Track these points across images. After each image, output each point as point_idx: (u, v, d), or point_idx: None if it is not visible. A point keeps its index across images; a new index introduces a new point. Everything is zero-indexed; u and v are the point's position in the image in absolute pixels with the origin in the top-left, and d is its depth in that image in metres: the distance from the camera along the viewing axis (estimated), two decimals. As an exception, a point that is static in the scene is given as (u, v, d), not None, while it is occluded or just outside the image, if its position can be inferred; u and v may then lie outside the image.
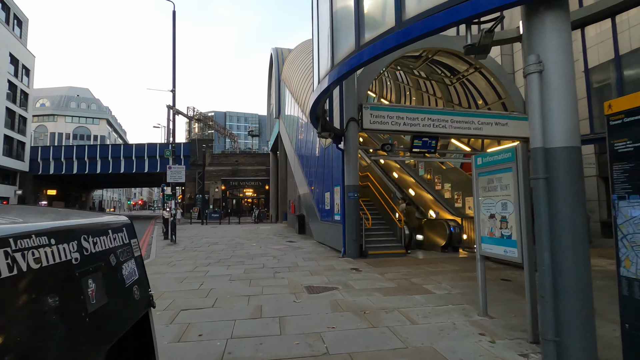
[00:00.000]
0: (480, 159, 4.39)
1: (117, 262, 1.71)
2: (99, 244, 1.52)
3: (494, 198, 4.12)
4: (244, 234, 17.55)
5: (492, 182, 4.17)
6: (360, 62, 4.92)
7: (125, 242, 1.87)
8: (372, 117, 9.60)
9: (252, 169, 39.41)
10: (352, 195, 9.28)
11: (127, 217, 2.03)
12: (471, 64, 11.75)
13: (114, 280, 1.64)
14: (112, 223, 1.86)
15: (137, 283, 1.85)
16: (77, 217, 1.75)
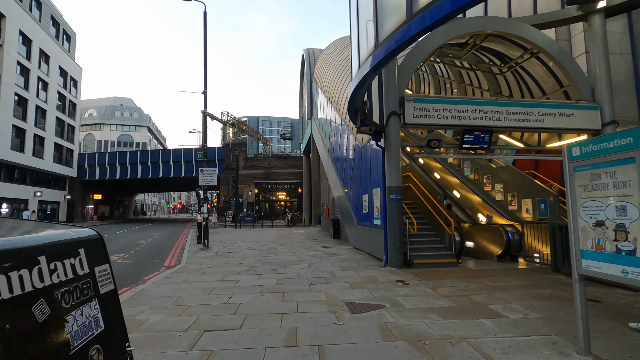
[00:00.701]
0: (577, 148, 3.36)
1: (55, 309, 0.98)
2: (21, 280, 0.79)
3: (603, 200, 3.09)
4: (277, 238, 17.03)
5: (599, 179, 3.13)
6: (413, 33, 4.06)
7: (80, 272, 1.15)
8: (416, 111, 8.62)
9: (284, 172, 39.25)
10: (395, 198, 8.34)
11: (94, 231, 1.30)
12: (527, 48, 10.42)
13: (41, 345, 0.91)
14: (58, 242, 1.13)
15: (99, 341, 1.12)
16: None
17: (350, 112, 6.77)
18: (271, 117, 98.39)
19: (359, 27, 6.87)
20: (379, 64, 4.79)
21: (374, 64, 4.68)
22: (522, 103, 9.16)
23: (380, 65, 4.87)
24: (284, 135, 59.16)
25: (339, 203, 15.92)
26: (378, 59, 4.65)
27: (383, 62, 4.72)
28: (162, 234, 21.68)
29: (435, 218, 9.16)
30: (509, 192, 11.39)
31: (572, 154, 3.39)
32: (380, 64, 4.84)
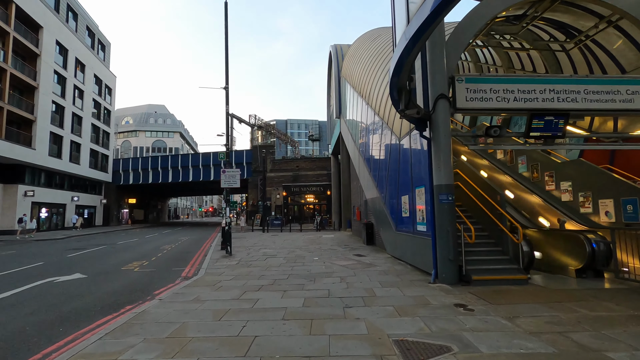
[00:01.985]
0: None
1: None
2: None
3: None
4: (305, 244, 15.82)
5: None
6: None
7: None
8: (469, 93, 7.10)
9: (312, 174, 38.13)
10: (446, 199, 6.84)
11: None
12: (602, 16, 8.57)
13: None
14: None
15: None
16: None
17: (392, 92, 5.41)
18: (299, 119, 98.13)
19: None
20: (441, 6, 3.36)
21: (435, 6, 3.29)
22: (605, 79, 7.38)
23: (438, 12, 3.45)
24: (312, 137, 58.18)
25: (372, 206, 14.47)
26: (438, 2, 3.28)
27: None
28: (190, 239, 21.16)
29: (494, 223, 7.53)
30: (580, 192, 9.47)
31: None
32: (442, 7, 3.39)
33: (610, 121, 10.49)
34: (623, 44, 8.94)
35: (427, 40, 7.08)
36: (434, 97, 6.96)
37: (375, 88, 13.88)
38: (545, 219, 10.21)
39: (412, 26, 3.77)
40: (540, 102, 7.15)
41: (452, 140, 7.16)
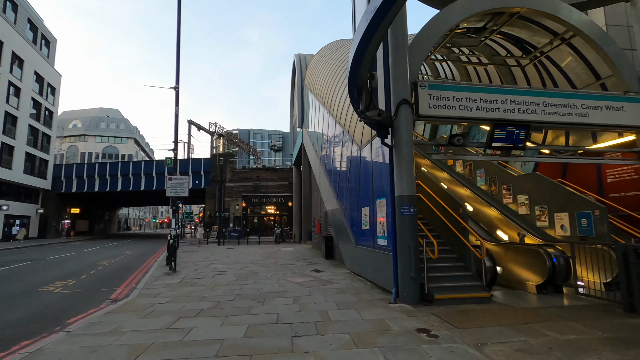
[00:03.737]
0: None
1: None
2: None
3: None
4: (261, 258, 14.83)
5: None
6: None
7: None
8: (432, 100, 6.77)
9: (274, 185, 37.12)
10: (408, 211, 6.36)
11: None
12: (557, 33, 8.76)
13: None
14: None
15: None
16: None
17: (351, 90, 4.85)
18: (263, 129, 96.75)
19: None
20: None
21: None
22: (563, 93, 7.39)
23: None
24: (275, 147, 57.18)
25: (332, 218, 13.89)
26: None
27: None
28: (135, 252, 19.29)
29: (456, 237, 7.17)
30: (537, 205, 9.49)
31: None
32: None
33: (562, 136, 10.78)
34: (574, 61, 9.19)
35: (390, 43, 6.71)
36: (396, 102, 6.53)
37: (337, 96, 13.48)
38: (503, 233, 10.14)
39: (375, 1, 3.23)
40: (502, 112, 6.98)
41: (414, 150, 6.77)
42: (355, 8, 4.92)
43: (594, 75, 8.97)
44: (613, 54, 8.01)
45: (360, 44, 3.73)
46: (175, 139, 11.60)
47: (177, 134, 11.49)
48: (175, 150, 11.63)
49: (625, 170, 9.66)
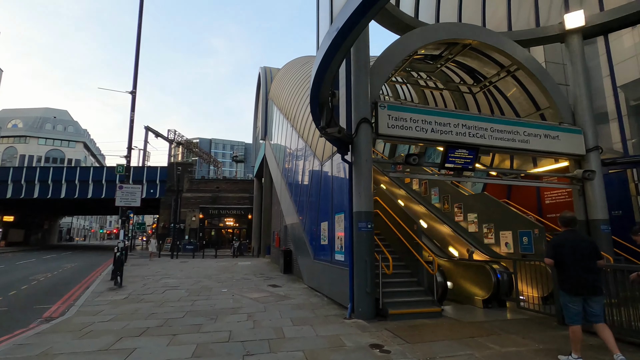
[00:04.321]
0: None
1: None
2: None
3: None
4: (217, 272, 14.30)
5: None
6: None
7: None
8: (391, 120, 7.05)
9: (234, 197, 36.26)
10: (365, 227, 6.49)
11: None
12: (503, 66, 9.56)
13: None
14: None
15: None
16: None
17: (313, 107, 4.93)
18: (225, 140, 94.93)
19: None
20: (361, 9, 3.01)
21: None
22: (507, 120, 8.02)
23: (360, 14, 3.09)
24: (236, 158, 56.09)
25: (292, 232, 13.78)
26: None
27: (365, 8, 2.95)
28: (76, 266, 17.78)
29: (411, 253, 7.41)
30: (484, 223, 10.10)
31: None
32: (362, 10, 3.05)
33: (507, 160, 11.65)
34: (518, 91, 10.06)
35: (353, 64, 6.93)
36: (357, 120, 6.72)
37: (300, 111, 13.61)
38: (454, 249, 10.63)
39: (338, 22, 3.35)
40: (454, 135, 7.42)
41: (373, 167, 6.98)
42: (319, 26, 5.07)
43: (534, 106, 9.86)
44: (550, 87, 8.89)
45: (322, 62, 3.84)
46: (129, 145, 11.02)
47: (131, 140, 10.92)
48: (128, 157, 11.02)
49: (560, 193, 10.62)
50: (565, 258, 4.22)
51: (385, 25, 9.82)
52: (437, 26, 8.57)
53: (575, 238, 4.31)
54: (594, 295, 4.13)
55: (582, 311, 4.15)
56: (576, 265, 4.17)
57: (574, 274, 4.16)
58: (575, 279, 4.14)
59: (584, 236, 4.49)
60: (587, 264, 4.18)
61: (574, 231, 4.42)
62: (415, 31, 7.99)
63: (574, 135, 8.53)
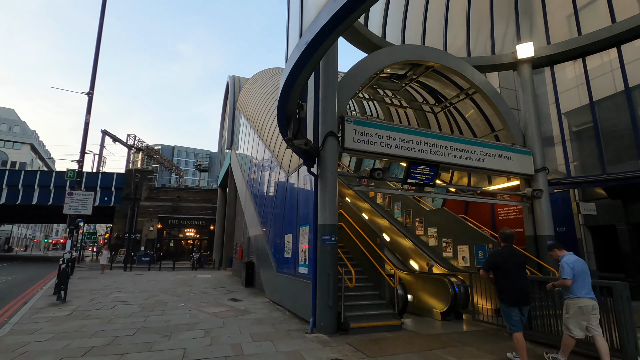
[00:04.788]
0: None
1: None
2: None
3: None
4: (174, 285, 13.61)
5: None
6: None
7: None
8: (357, 135, 7.20)
9: (196, 207, 35.03)
10: (329, 240, 6.49)
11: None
12: (462, 88, 10.14)
13: None
14: None
15: None
16: None
17: (280, 118, 4.90)
18: (189, 148, 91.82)
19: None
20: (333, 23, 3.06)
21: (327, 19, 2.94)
22: (466, 140, 8.47)
23: (330, 29, 3.15)
24: (200, 167, 54.37)
25: (255, 243, 13.50)
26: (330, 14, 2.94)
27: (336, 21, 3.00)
28: (14, 279, 16.17)
29: (373, 266, 7.51)
30: (444, 238, 10.48)
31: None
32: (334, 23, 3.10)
33: (465, 177, 12.25)
34: (476, 113, 10.68)
35: (321, 78, 7.04)
36: (324, 133, 6.79)
37: (267, 122, 13.55)
38: (415, 262, 10.90)
39: (307, 36, 3.38)
40: (417, 152, 7.70)
41: (338, 181, 7.05)
42: (289, 38, 5.12)
43: (490, 127, 10.51)
44: (504, 111, 9.53)
45: (291, 74, 3.87)
46: (83, 149, 10.33)
47: (85, 143, 10.24)
48: (81, 161, 10.31)
49: (512, 210, 11.29)
50: (503, 271, 4.55)
51: (354, 44, 10.13)
52: (403, 47, 8.96)
53: (513, 253, 4.69)
54: (526, 305, 4.59)
55: (520, 319, 4.53)
56: (512, 277, 4.54)
57: (511, 286, 4.51)
58: (513, 291, 4.50)
59: (518, 251, 4.88)
60: (521, 277, 4.60)
61: (511, 247, 4.76)
62: (383, 50, 8.31)
63: (524, 156, 9.17)
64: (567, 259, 4.65)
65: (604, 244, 11.27)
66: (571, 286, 4.51)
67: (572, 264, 4.57)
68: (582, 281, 4.52)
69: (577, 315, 4.48)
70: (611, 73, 10.97)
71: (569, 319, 4.55)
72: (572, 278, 4.50)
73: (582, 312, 4.44)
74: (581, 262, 4.65)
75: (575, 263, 4.58)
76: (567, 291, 4.60)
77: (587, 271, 4.62)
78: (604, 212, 10.92)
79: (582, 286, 4.51)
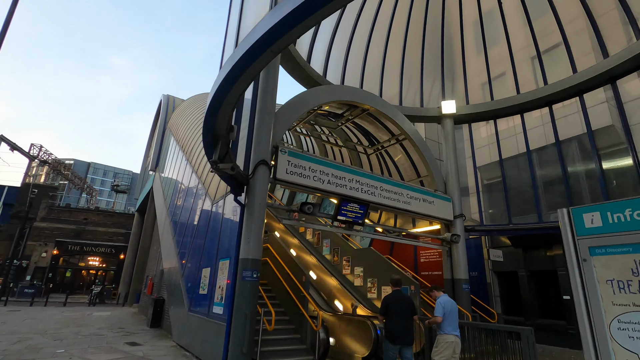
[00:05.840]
0: (593, 216, 2.00)
1: None
2: None
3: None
4: (59, 325, 11.35)
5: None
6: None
7: None
8: (290, 166, 6.99)
9: (106, 232, 31.10)
10: (250, 276, 5.92)
11: None
12: (394, 134, 10.73)
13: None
14: None
15: None
16: None
17: (206, 137, 4.41)
18: (108, 166, 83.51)
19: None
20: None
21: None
22: (395, 182, 8.78)
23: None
24: (117, 188, 48.97)
25: (168, 277, 12.07)
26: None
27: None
28: None
29: (296, 307, 7.03)
30: (369, 278, 10.46)
31: (586, 224, 2.00)
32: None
33: (392, 219, 12.67)
34: (404, 158, 11.31)
35: (258, 104, 6.80)
36: (255, 161, 6.44)
37: (198, 145, 12.77)
38: (340, 303, 10.62)
39: (241, 47, 3.08)
40: (348, 189, 7.71)
41: (268, 214, 6.66)
42: (225, 48, 4.88)
43: (416, 173, 11.15)
44: (429, 159, 10.22)
45: (221, 87, 3.50)
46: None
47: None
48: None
49: (432, 253, 11.84)
50: (390, 314, 5.13)
51: (296, 78, 10.24)
52: (343, 87, 9.27)
53: (399, 297, 5.28)
54: (408, 345, 5.10)
55: (397, 358, 5.08)
56: (395, 319, 5.11)
57: (396, 327, 5.08)
58: (397, 331, 5.06)
59: (405, 295, 5.49)
60: (402, 319, 5.13)
61: (399, 291, 5.39)
62: (323, 87, 8.47)
63: (445, 202, 9.79)
64: (440, 299, 5.25)
65: (509, 289, 12.29)
66: (442, 323, 5.07)
67: (444, 303, 5.15)
68: (451, 319, 5.11)
69: (444, 350, 5.00)
70: (515, 137, 12.64)
71: (437, 352, 5.07)
72: (443, 316, 5.05)
73: (449, 347, 4.97)
74: (451, 303, 5.25)
75: (446, 303, 5.16)
76: (439, 328, 5.15)
77: (455, 311, 5.23)
78: (509, 259, 12.03)
79: (450, 324, 5.09)
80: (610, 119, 11.14)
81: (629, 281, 1.74)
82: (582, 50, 9.79)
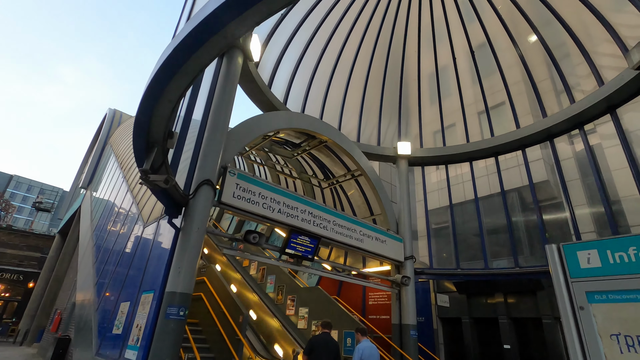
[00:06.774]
0: (589, 254, 1.68)
1: None
2: None
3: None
4: None
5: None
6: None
7: None
8: (238, 190, 6.34)
9: (17, 254, 26.91)
10: (176, 314, 4.97)
11: None
12: (349, 169, 10.58)
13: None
14: None
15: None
16: None
17: (136, 140, 3.62)
18: (34, 181, 74.89)
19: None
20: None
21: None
22: (348, 218, 8.42)
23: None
24: (39, 206, 43.34)
25: (80, 312, 10.24)
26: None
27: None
28: None
29: (229, 352, 6.06)
30: (314, 320, 9.67)
31: (581, 264, 1.67)
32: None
33: (342, 256, 12.19)
34: (358, 194, 11.12)
35: (210, 118, 6.23)
36: (199, 180, 5.73)
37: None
38: (280, 347, 9.62)
39: (189, 24, 2.58)
40: (300, 221, 7.17)
41: (210, 244, 5.87)
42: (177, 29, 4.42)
43: (369, 210, 10.96)
44: (383, 197, 10.10)
45: (154, 80, 2.90)
46: None
47: None
48: None
49: (381, 296, 11.40)
50: (314, 356, 5.08)
51: (255, 102, 9.85)
52: (303, 115, 9.00)
53: (326, 340, 5.29)
54: None
55: None
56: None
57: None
58: None
59: (332, 339, 5.47)
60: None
61: (327, 334, 5.41)
62: (282, 112, 8.15)
63: (397, 243, 9.57)
64: (360, 345, 5.44)
65: (453, 336, 12.10)
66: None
67: (362, 349, 5.30)
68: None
69: None
70: (462, 184, 13.16)
71: None
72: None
73: None
74: (370, 349, 5.36)
75: (365, 350, 5.31)
76: None
77: (375, 357, 5.31)
78: (453, 305, 11.96)
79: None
80: (546, 174, 12.07)
81: (639, 337, 1.41)
82: (524, 110, 10.65)
